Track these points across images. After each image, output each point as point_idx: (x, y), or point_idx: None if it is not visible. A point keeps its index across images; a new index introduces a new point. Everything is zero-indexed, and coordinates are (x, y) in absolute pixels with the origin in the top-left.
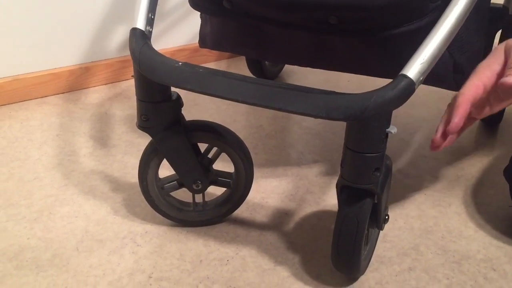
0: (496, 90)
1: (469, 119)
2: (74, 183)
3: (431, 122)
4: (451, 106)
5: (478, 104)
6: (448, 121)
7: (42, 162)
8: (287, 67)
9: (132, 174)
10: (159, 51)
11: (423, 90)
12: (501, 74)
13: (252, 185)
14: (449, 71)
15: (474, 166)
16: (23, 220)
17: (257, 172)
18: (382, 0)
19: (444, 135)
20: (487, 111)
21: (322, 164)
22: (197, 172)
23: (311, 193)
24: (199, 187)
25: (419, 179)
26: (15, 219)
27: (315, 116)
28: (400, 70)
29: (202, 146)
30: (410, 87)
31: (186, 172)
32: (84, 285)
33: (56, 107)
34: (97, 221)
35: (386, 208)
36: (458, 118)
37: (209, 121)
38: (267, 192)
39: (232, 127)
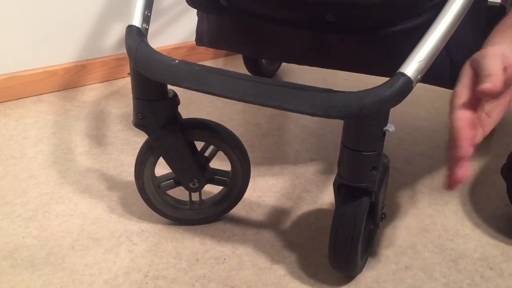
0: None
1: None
2: (70, 181)
3: (428, 120)
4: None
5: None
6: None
7: (38, 160)
8: (284, 65)
9: (128, 173)
10: (155, 49)
11: (420, 89)
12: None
13: (249, 183)
14: (446, 69)
15: (471, 165)
16: (18, 218)
17: (253, 171)
18: None
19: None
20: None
21: (319, 163)
22: (193, 170)
23: (308, 191)
24: (196, 186)
25: (416, 178)
26: (10, 217)
27: (313, 115)
28: (397, 68)
29: (199, 145)
30: (407, 85)
31: (182, 171)
32: (80, 284)
33: (52, 105)
34: (93, 220)
35: (383, 207)
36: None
37: (205, 119)
38: (264, 190)
39: (228, 125)
